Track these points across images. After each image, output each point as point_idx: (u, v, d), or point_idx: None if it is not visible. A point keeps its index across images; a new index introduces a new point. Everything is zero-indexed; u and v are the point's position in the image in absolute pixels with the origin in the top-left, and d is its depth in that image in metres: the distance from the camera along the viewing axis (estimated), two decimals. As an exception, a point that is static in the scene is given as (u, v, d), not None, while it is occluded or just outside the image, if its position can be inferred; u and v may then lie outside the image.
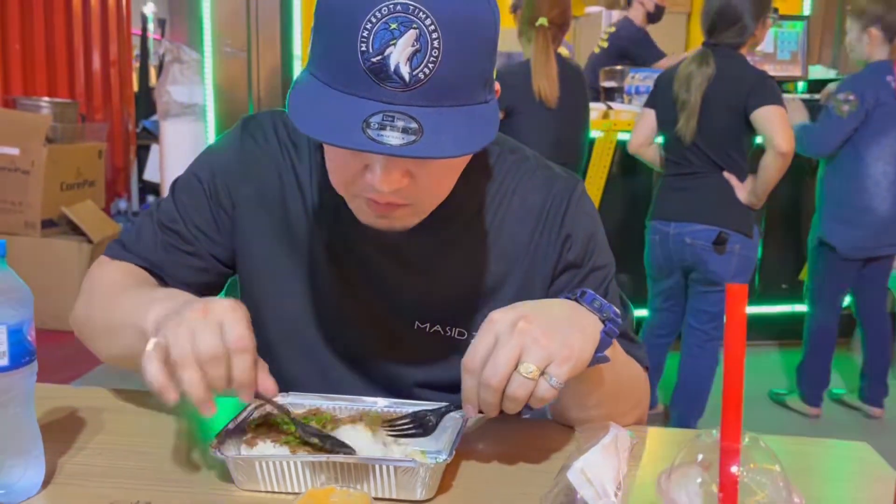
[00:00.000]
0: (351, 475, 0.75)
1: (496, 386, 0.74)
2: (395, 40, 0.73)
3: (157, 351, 0.73)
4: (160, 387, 0.73)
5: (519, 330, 0.75)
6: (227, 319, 0.74)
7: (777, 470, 0.58)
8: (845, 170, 3.10)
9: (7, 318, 0.71)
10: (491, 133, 0.80)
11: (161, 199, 1.04)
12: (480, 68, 0.79)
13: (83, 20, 5.30)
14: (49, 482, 0.78)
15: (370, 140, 0.73)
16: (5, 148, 4.03)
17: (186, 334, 0.73)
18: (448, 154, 0.76)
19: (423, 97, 0.75)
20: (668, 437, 0.98)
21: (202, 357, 0.72)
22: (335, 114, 0.75)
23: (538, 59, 2.85)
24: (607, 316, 0.81)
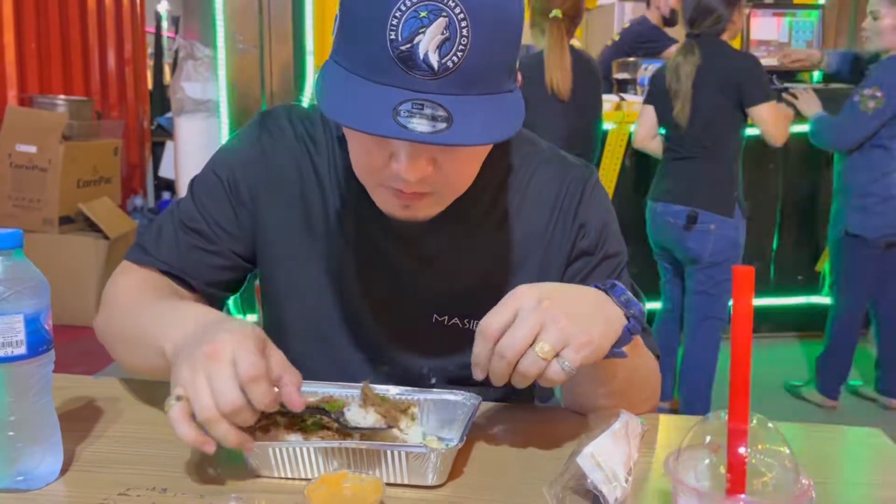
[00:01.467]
0: (363, 461, 0.76)
1: (510, 359, 0.74)
2: (424, 28, 0.73)
3: (182, 410, 0.72)
4: (195, 444, 0.72)
5: (543, 308, 0.74)
6: (237, 352, 0.72)
7: (785, 452, 0.58)
8: (871, 162, 3.07)
9: (24, 308, 0.73)
10: (518, 122, 0.80)
11: (180, 198, 1.05)
12: (507, 57, 0.79)
13: (98, 19, 5.33)
14: (67, 469, 0.79)
15: (401, 128, 0.73)
16: (23, 146, 4.08)
17: (205, 388, 0.71)
18: (478, 141, 0.77)
19: (452, 85, 0.75)
20: (680, 423, 0.98)
21: (225, 411, 0.71)
22: (364, 101, 0.75)
23: (552, 51, 2.84)
24: (633, 313, 0.81)
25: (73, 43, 5.04)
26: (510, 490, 0.77)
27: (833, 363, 3.28)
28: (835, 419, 3.19)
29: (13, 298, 0.72)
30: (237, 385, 0.71)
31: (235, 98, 3.58)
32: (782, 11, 4.12)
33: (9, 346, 0.72)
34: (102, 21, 5.39)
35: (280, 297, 1.02)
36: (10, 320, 0.72)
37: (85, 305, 3.99)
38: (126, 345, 0.94)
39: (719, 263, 2.86)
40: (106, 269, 4.05)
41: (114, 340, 0.98)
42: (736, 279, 0.54)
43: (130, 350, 0.92)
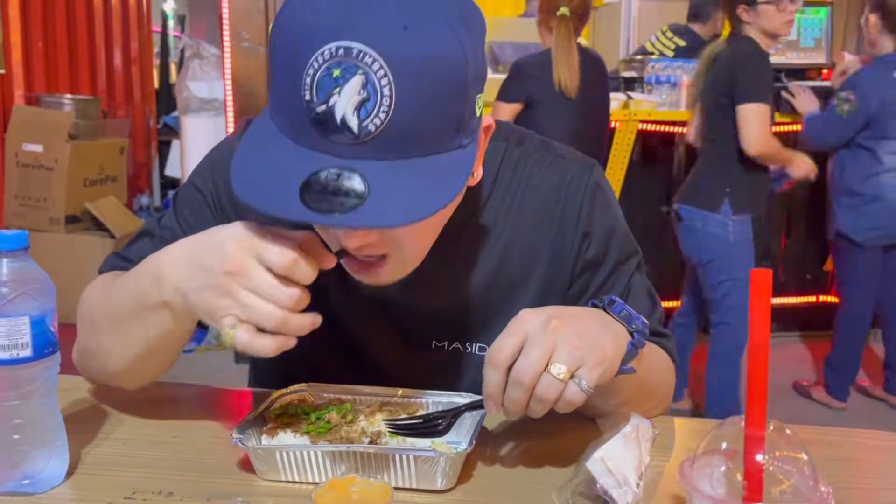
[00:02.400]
0: (371, 465, 0.75)
1: (528, 384, 0.70)
2: (338, 88, 0.66)
3: (249, 331, 0.72)
4: (282, 346, 0.73)
5: (552, 329, 0.71)
6: (256, 251, 0.72)
7: (803, 458, 0.57)
8: (858, 163, 3.07)
9: (30, 310, 0.72)
10: (456, 189, 0.73)
11: (160, 215, 0.99)
12: (448, 113, 0.71)
13: (104, 18, 5.34)
14: (73, 472, 0.79)
15: (306, 208, 0.67)
16: (29, 145, 4.08)
17: (256, 300, 0.71)
18: (390, 223, 0.70)
19: (377, 150, 0.68)
20: (694, 426, 0.97)
21: (290, 305, 0.72)
22: (276, 173, 0.70)
23: (559, 49, 2.83)
24: (635, 328, 0.78)
25: (80, 42, 5.04)
26: (519, 494, 0.76)
27: (841, 364, 3.27)
28: (844, 419, 3.17)
29: (19, 300, 0.71)
30: (277, 281, 0.72)
31: (241, 97, 3.58)
32: (790, 10, 4.09)
33: (14, 349, 0.71)
34: (109, 20, 5.39)
35: None
36: (16, 322, 0.71)
37: (91, 304, 4.00)
38: (119, 332, 0.85)
39: (709, 262, 2.83)
40: (112, 268, 4.05)
41: (98, 341, 0.89)
42: (753, 282, 0.53)
43: (126, 335, 0.84)
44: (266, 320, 0.72)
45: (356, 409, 0.85)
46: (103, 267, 0.99)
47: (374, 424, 0.82)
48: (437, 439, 0.80)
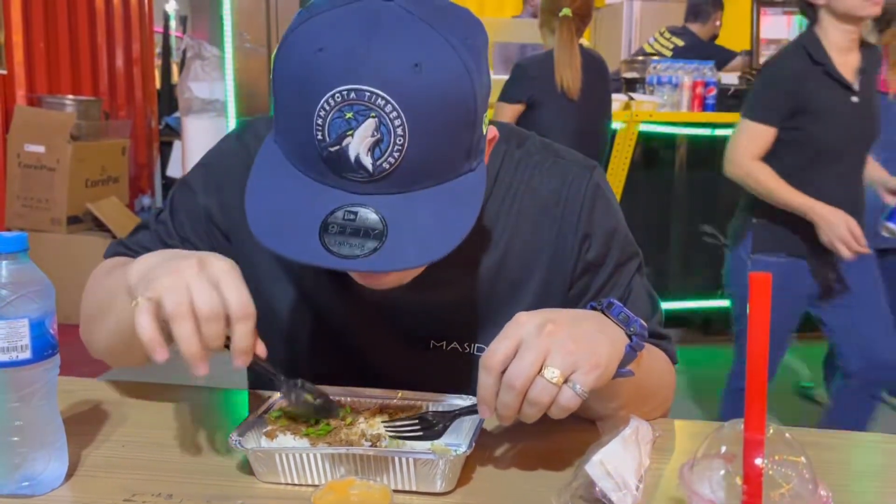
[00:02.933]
0: (371, 467, 0.75)
1: (519, 388, 0.70)
2: (352, 131, 0.66)
3: (150, 304, 0.69)
4: (150, 340, 0.69)
5: (547, 333, 0.71)
6: (226, 280, 0.70)
7: (803, 462, 0.57)
8: None
9: (29, 312, 0.72)
10: (472, 213, 0.73)
11: (160, 211, 1.01)
12: (458, 143, 0.72)
13: (106, 19, 5.34)
14: (72, 474, 0.79)
15: (328, 253, 0.67)
16: (31, 146, 4.09)
17: (181, 287, 0.69)
18: (410, 264, 0.70)
19: (391, 186, 0.69)
20: (694, 429, 0.96)
21: (200, 313, 0.68)
22: (293, 212, 0.70)
23: (562, 50, 2.84)
24: (634, 331, 0.77)
25: (82, 43, 5.05)
26: (519, 497, 0.76)
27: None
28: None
29: (18, 302, 0.71)
30: (220, 301, 0.69)
31: (242, 98, 3.58)
32: (793, 10, 4.08)
33: (13, 351, 0.71)
34: (111, 21, 5.40)
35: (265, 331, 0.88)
36: (15, 324, 0.71)
37: (93, 305, 4.01)
38: (99, 315, 0.88)
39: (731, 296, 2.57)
40: (114, 268, 4.06)
41: (91, 324, 0.92)
42: (752, 286, 0.53)
43: (102, 318, 0.87)
44: (170, 303, 0.68)
45: (355, 412, 0.85)
46: (106, 253, 1.01)
47: (374, 427, 0.81)
48: (436, 442, 0.80)
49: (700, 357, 3.78)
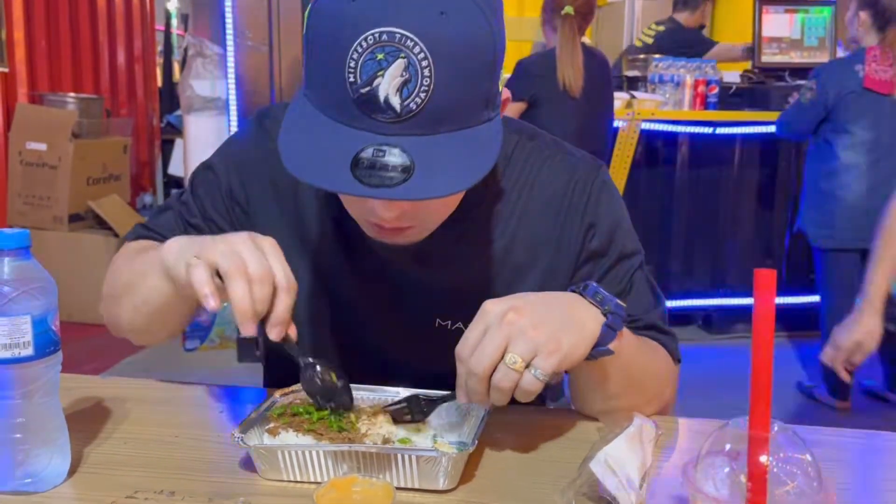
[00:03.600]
0: (373, 464, 0.75)
1: (481, 375, 0.74)
2: (382, 71, 0.70)
3: (204, 262, 0.75)
4: (208, 291, 0.75)
5: (507, 321, 0.74)
6: (273, 253, 0.77)
7: (808, 459, 0.57)
8: (820, 159, 3.11)
9: (31, 309, 0.72)
10: (491, 157, 0.77)
11: (182, 191, 1.06)
12: (479, 90, 0.76)
13: (108, 17, 5.33)
14: (75, 471, 0.79)
15: (359, 183, 0.71)
16: (33, 143, 4.09)
17: (234, 252, 0.75)
18: (439, 194, 0.74)
19: (417, 126, 0.72)
20: (696, 427, 0.96)
21: (253, 274, 0.75)
22: (324, 150, 0.74)
23: (564, 48, 2.83)
24: (609, 309, 0.79)
25: (83, 41, 5.04)
26: (522, 495, 0.76)
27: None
28: (849, 420, 3.16)
29: (20, 299, 0.71)
30: (269, 267, 0.76)
31: (244, 96, 3.57)
32: (795, 8, 4.08)
33: (16, 347, 0.71)
34: (112, 19, 5.39)
35: None
36: (18, 321, 0.71)
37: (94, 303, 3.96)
38: (127, 289, 0.93)
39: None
40: (115, 266, 4.06)
41: (115, 296, 0.97)
42: (757, 281, 0.52)
43: (131, 291, 0.92)
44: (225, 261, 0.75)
45: (357, 410, 0.85)
46: (129, 235, 1.05)
47: (377, 426, 0.81)
48: (440, 439, 0.80)
49: (701, 355, 3.78)
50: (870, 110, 2.98)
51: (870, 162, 3.02)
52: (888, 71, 2.98)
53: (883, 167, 3.02)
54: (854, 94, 2.98)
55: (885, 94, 2.98)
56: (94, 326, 3.93)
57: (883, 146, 3.02)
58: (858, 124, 3.00)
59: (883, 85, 2.98)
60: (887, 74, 2.97)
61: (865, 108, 2.99)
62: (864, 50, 3.01)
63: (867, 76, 2.97)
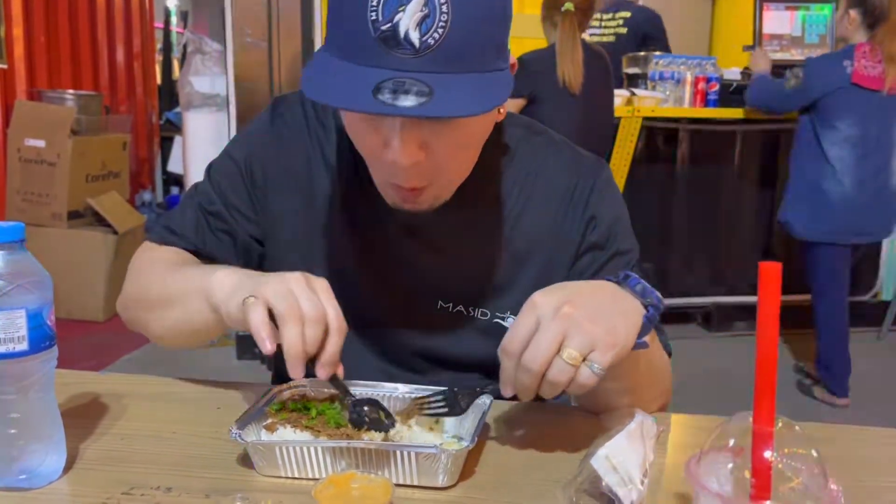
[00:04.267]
0: (372, 461, 0.74)
1: (537, 370, 0.72)
2: (403, 6, 0.73)
3: (262, 304, 0.77)
4: (265, 333, 0.76)
5: (563, 314, 0.73)
6: (326, 294, 0.79)
7: (813, 455, 0.56)
8: (806, 153, 3.14)
9: (26, 303, 0.71)
10: (503, 95, 0.79)
11: (198, 182, 1.06)
12: (492, 35, 0.78)
13: (107, 13, 5.32)
14: (70, 467, 0.78)
15: (380, 103, 0.73)
16: (32, 140, 4.08)
17: (288, 292, 0.77)
18: (460, 112, 0.75)
19: (434, 63, 0.74)
20: (692, 422, 0.96)
21: (307, 316, 0.76)
22: (345, 81, 0.76)
23: (564, 45, 2.82)
24: (650, 301, 0.80)
25: (82, 37, 5.03)
26: (523, 492, 0.75)
27: (830, 361, 3.26)
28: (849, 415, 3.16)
29: (15, 293, 0.71)
30: (322, 309, 0.78)
31: (243, 92, 3.56)
32: (795, 5, 4.08)
33: (10, 342, 0.71)
34: (111, 16, 5.38)
35: None
36: (12, 315, 0.70)
37: (93, 300, 4.00)
38: (163, 303, 0.95)
39: None
40: (114, 263, 4.05)
41: (146, 302, 0.99)
42: (762, 276, 0.51)
43: (166, 307, 0.94)
44: (281, 304, 0.76)
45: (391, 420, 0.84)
46: (151, 235, 1.06)
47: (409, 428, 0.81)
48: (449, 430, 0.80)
49: (700, 352, 3.78)
50: (857, 106, 3.01)
51: (857, 157, 3.04)
52: (877, 67, 3.00)
53: (870, 162, 3.04)
54: (842, 89, 3.01)
55: (874, 90, 3.00)
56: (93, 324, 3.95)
57: (870, 141, 3.04)
58: (845, 120, 3.03)
59: (871, 80, 3.00)
60: (876, 70, 2.99)
61: (853, 104, 3.02)
62: (854, 46, 3.03)
63: (856, 72, 2.99)
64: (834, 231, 3.10)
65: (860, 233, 3.12)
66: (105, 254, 4.05)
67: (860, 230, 3.12)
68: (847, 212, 3.06)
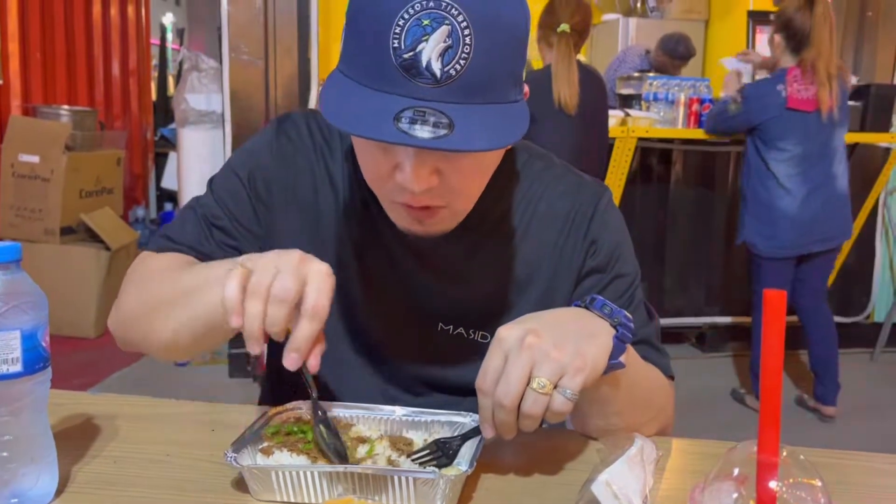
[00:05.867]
0: (369, 486, 0.73)
1: (510, 405, 0.73)
2: (427, 36, 0.72)
3: (241, 274, 0.74)
4: (231, 307, 0.74)
5: (527, 345, 0.73)
6: (316, 280, 0.75)
7: (818, 485, 0.55)
8: (755, 172, 3.21)
9: (21, 323, 0.70)
10: (521, 130, 0.79)
11: (199, 196, 1.04)
12: (511, 67, 0.78)
13: (103, 30, 5.34)
14: (62, 490, 0.77)
15: (400, 132, 0.72)
16: (26, 156, 4.07)
17: (271, 270, 0.74)
18: (479, 147, 0.75)
19: (454, 94, 0.74)
20: (692, 448, 0.95)
21: (272, 294, 0.73)
22: (365, 108, 0.75)
23: (560, 66, 2.83)
24: (618, 321, 0.79)
25: (78, 53, 5.04)
26: (522, 518, 0.74)
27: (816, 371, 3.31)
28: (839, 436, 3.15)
29: (10, 314, 0.70)
30: (295, 291, 0.73)
31: (239, 110, 3.57)
32: (788, 28, 4.10)
33: (4, 364, 0.69)
34: (107, 32, 5.40)
35: None
36: (6, 336, 0.69)
37: (86, 317, 3.97)
38: (168, 305, 0.89)
39: None
40: (107, 280, 4.03)
41: (146, 310, 0.93)
42: (766, 304, 0.51)
43: (173, 308, 0.88)
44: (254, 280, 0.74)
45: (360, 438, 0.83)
46: (151, 246, 1.03)
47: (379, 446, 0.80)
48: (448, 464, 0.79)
49: (694, 373, 3.77)
50: (796, 127, 3.09)
51: (803, 171, 3.11)
52: (809, 89, 3.06)
53: (816, 172, 3.11)
54: (778, 113, 3.09)
55: (809, 112, 3.07)
56: (84, 340, 3.92)
57: (811, 157, 3.12)
58: (787, 140, 3.11)
59: (805, 103, 3.07)
60: (809, 93, 3.06)
61: (791, 126, 3.10)
62: (785, 71, 3.09)
63: (790, 97, 3.07)
64: (788, 245, 3.16)
65: (820, 239, 3.19)
66: (97, 270, 4.03)
67: (819, 237, 3.18)
68: (797, 225, 3.13)
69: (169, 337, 0.90)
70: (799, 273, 3.24)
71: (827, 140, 3.11)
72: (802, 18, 3.00)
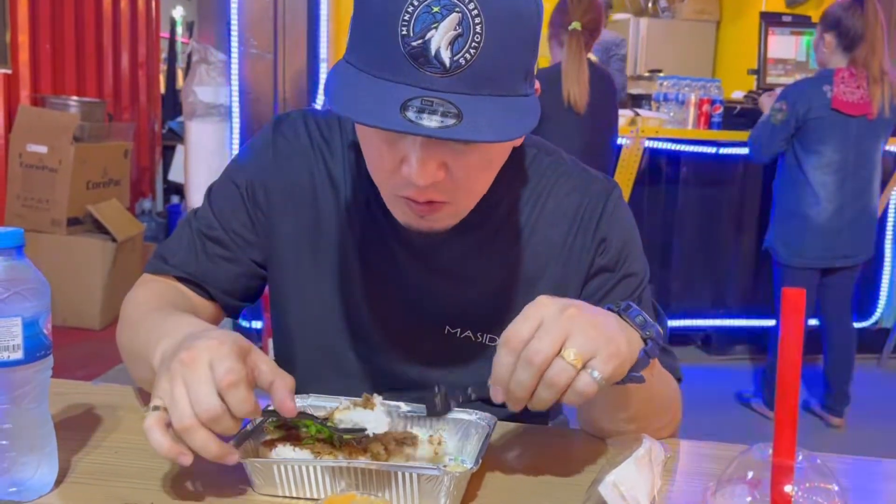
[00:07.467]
0: (372, 482, 0.72)
1: (538, 365, 0.68)
2: (436, 24, 0.71)
3: (158, 419, 0.69)
4: (170, 455, 0.69)
5: (568, 315, 0.70)
6: (214, 358, 0.69)
7: (834, 489, 0.54)
8: (788, 178, 3.14)
9: (22, 310, 0.69)
10: (531, 123, 0.77)
11: (197, 208, 1.03)
12: (522, 60, 0.77)
13: (113, 22, 5.34)
14: (62, 480, 0.76)
15: (408, 122, 0.71)
16: (34, 146, 4.07)
17: (183, 396, 0.68)
18: (487, 138, 0.73)
19: (463, 84, 0.72)
20: (700, 450, 0.94)
21: (203, 418, 0.68)
22: (371, 96, 0.73)
23: (570, 64, 2.82)
24: (650, 335, 0.76)
25: (88, 45, 5.04)
26: (527, 517, 0.73)
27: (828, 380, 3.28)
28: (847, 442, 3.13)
29: (11, 300, 0.69)
30: (215, 391, 0.68)
31: (247, 103, 3.56)
32: (800, 30, 4.09)
33: (5, 351, 0.69)
34: (117, 24, 5.40)
35: (286, 304, 1.00)
36: (7, 323, 0.69)
37: (91, 308, 3.97)
38: (133, 359, 0.91)
39: None
40: (113, 271, 4.03)
41: (126, 355, 0.95)
42: (785, 303, 0.50)
43: (136, 364, 0.90)
44: (176, 418, 0.68)
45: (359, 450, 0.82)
46: (147, 267, 1.02)
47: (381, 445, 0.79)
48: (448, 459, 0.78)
49: (700, 376, 3.75)
50: (838, 131, 3.01)
51: (838, 181, 3.05)
52: (856, 93, 2.99)
53: (850, 186, 3.05)
54: (823, 114, 3.01)
55: (853, 116, 2.99)
56: (88, 331, 3.92)
57: (849, 166, 3.05)
58: (827, 145, 3.03)
59: (851, 106, 2.99)
60: (855, 96, 2.98)
61: (833, 129, 3.01)
62: (833, 71, 3.01)
63: (836, 97, 2.98)
64: (814, 256, 3.11)
65: (841, 256, 3.13)
66: (103, 262, 4.03)
67: (842, 253, 3.13)
68: (827, 236, 3.08)
69: (140, 382, 0.94)
70: (824, 280, 3.18)
71: (867, 150, 3.04)
72: (854, 17, 2.93)
